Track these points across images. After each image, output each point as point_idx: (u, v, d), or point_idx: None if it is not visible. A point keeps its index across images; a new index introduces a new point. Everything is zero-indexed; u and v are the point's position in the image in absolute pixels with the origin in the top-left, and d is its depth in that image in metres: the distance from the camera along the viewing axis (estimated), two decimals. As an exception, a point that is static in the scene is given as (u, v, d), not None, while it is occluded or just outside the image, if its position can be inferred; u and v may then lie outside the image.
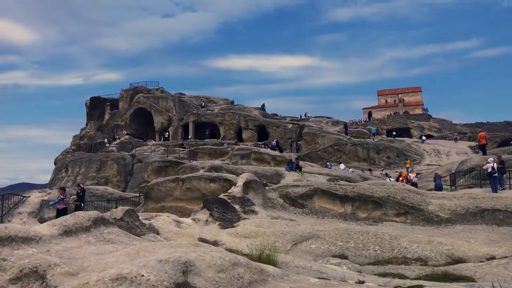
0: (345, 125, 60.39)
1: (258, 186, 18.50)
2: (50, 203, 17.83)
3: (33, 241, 5.82)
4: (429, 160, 41.63)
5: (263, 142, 51.03)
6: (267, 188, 19.71)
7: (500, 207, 15.39)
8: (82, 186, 18.65)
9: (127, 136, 56.93)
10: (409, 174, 27.47)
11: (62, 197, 16.60)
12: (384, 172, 35.34)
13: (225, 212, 15.06)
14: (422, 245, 11.73)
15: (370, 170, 36.62)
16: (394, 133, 60.30)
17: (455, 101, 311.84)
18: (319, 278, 6.76)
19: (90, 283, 4.38)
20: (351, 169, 35.46)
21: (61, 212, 16.12)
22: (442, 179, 23.89)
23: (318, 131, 53.71)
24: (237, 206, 15.86)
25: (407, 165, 33.88)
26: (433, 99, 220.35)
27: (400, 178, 29.22)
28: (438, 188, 22.34)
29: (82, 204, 17.30)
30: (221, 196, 16.85)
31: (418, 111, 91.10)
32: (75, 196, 17.58)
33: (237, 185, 17.82)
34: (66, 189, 20.52)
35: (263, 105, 68.36)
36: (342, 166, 36.67)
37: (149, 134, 61.40)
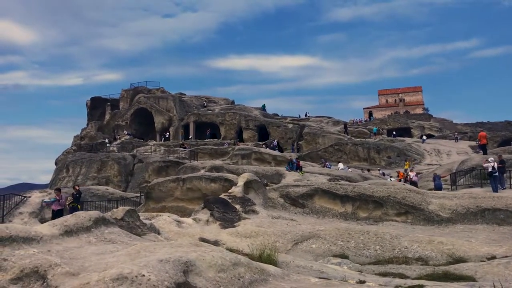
0: (345, 125, 60.42)
1: (259, 186, 18.50)
2: (46, 200, 17.66)
3: (34, 241, 5.83)
4: (430, 159, 41.62)
5: (264, 142, 51.04)
6: (267, 188, 19.72)
7: (500, 206, 15.39)
8: (78, 188, 18.43)
9: (128, 136, 56.99)
10: (409, 173, 27.53)
11: (57, 198, 16.50)
12: (381, 172, 35.72)
13: (225, 212, 15.07)
14: (423, 244, 11.73)
15: (368, 170, 36.72)
16: (394, 132, 60.28)
17: (456, 100, 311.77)
18: (319, 278, 6.76)
19: (91, 283, 4.38)
20: (350, 169, 35.54)
21: (56, 214, 16.04)
22: (441, 179, 23.92)
23: (318, 131, 53.72)
24: (237, 206, 15.86)
25: (406, 167, 33.83)
26: (433, 99, 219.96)
27: (398, 177, 29.42)
28: (438, 188, 22.36)
29: (78, 205, 17.09)
30: (222, 196, 16.86)
31: (419, 110, 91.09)
32: (71, 198, 17.41)
33: (237, 185, 17.83)
34: (65, 189, 20.48)
35: (263, 106, 68.40)
36: (340, 165, 36.78)
37: (149, 134, 61.44)
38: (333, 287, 5.87)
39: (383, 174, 34.95)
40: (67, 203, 16.93)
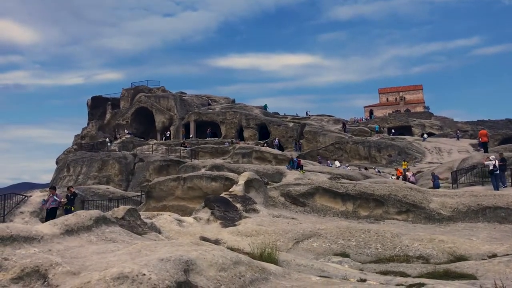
0: (343, 124, 60.34)
1: (260, 184, 18.51)
2: (43, 201, 17.44)
3: (34, 241, 5.83)
4: (431, 158, 41.60)
5: (265, 141, 51.04)
6: (268, 186, 19.73)
7: (501, 204, 15.37)
8: (72, 190, 18.21)
9: (129, 136, 57.02)
10: (407, 173, 27.65)
11: (53, 196, 16.37)
12: (377, 170, 35.95)
13: (226, 211, 15.07)
14: (424, 243, 11.72)
15: (366, 168, 36.86)
16: (393, 131, 60.24)
17: (456, 99, 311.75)
18: (320, 276, 6.76)
19: (91, 282, 4.38)
20: (349, 167, 35.67)
21: (50, 212, 15.97)
22: (439, 179, 23.98)
23: (319, 130, 53.69)
24: (238, 205, 15.87)
25: (404, 167, 33.80)
26: (434, 97, 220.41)
27: (396, 175, 29.53)
28: (436, 187, 22.36)
29: (72, 207, 16.91)
30: (223, 195, 16.86)
31: (419, 109, 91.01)
32: (65, 200, 17.26)
33: (238, 183, 17.83)
34: (65, 189, 20.34)
35: (265, 106, 68.37)
36: (337, 163, 36.88)
37: (150, 133, 61.46)
38: (334, 286, 5.87)
39: (379, 172, 35.27)
40: (60, 205, 16.79)
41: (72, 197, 17.36)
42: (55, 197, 16.38)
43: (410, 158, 40.76)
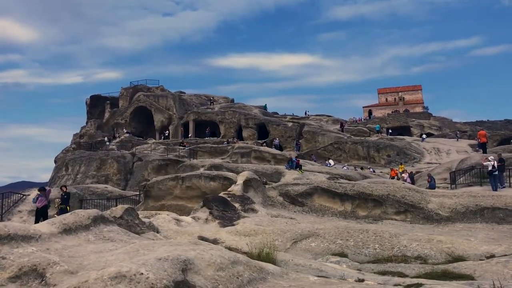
0: (341, 124, 60.38)
1: (258, 184, 18.51)
2: (34, 199, 17.22)
3: (32, 240, 5.83)
4: (429, 158, 41.62)
5: (264, 141, 51.04)
6: (267, 186, 19.73)
7: (500, 205, 15.39)
8: (66, 190, 17.91)
9: (127, 135, 56.98)
10: (402, 175, 27.71)
11: (42, 196, 16.16)
12: (371, 170, 36.18)
13: (225, 211, 15.06)
14: (422, 243, 11.73)
15: (362, 168, 36.99)
16: (390, 131, 60.24)
17: (455, 99, 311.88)
18: (318, 276, 6.76)
19: (89, 281, 4.38)
20: (345, 167, 35.78)
21: (40, 211, 15.84)
22: (434, 181, 24.01)
23: (318, 130, 53.73)
24: (237, 205, 15.86)
25: (400, 169, 33.72)
26: (433, 97, 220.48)
27: (391, 174, 29.57)
28: (431, 188, 22.36)
29: (67, 207, 16.71)
30: (221, 194, 16.85)
31: (418, 109, 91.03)
32: (59, 200, 17.07)
33: (237, 183, 17.83)
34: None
35: (265, 106, 68.40)
36: (331, 162, 36.92)
37: (149, 132, 61.42)
38: (332, 286, 5.87)
39: (373, 171, 35.58)
40: (56, 205, 16.68)
41: (65, 196, 17.16)
42: (43, 197, 16.13)
43: (408, 158, 40.81)
